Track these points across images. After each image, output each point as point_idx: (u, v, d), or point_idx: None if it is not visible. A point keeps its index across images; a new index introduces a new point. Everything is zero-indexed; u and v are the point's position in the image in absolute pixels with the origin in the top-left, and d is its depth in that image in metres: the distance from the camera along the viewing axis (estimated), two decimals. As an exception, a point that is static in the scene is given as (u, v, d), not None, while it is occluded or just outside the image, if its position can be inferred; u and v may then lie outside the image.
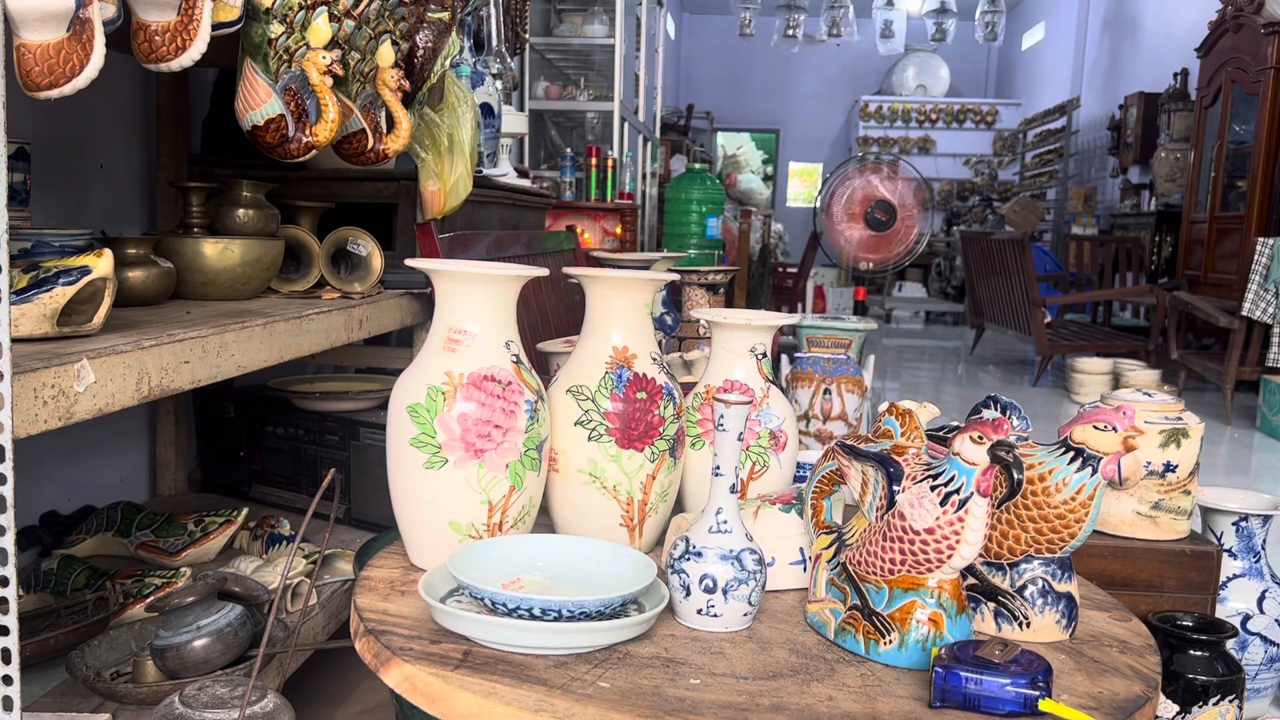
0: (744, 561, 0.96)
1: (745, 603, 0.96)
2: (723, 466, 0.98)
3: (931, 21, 9.39)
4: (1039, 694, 0.80)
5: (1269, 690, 1.66)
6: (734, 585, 0.96)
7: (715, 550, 0.96)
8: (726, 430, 0.96)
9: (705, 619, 0.96)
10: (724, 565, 0.96)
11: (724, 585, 0.95)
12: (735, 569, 0.96)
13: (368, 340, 2.13)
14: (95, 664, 1.29)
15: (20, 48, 0.98)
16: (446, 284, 1.03)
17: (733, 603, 0.96)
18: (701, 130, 10.89)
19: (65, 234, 1.23)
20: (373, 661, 0.89)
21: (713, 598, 0.95)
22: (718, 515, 0.98)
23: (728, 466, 0.98)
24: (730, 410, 0.97)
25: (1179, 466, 1.43)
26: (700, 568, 0.96)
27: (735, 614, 0.96)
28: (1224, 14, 5.85)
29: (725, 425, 0.96)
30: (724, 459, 0.98)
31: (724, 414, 0.96)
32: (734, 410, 0.97)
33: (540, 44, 5.25)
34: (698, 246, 5.79)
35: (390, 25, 1.57)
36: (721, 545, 0.97)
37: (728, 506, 0.98)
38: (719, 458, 0.98)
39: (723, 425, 0.96)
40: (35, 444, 1.73)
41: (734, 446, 0.97)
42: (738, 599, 0.96)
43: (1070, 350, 5.61)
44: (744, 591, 0.96)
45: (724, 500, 0.98)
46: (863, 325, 1.47)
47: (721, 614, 0.96)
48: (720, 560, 0.96)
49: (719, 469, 0.98)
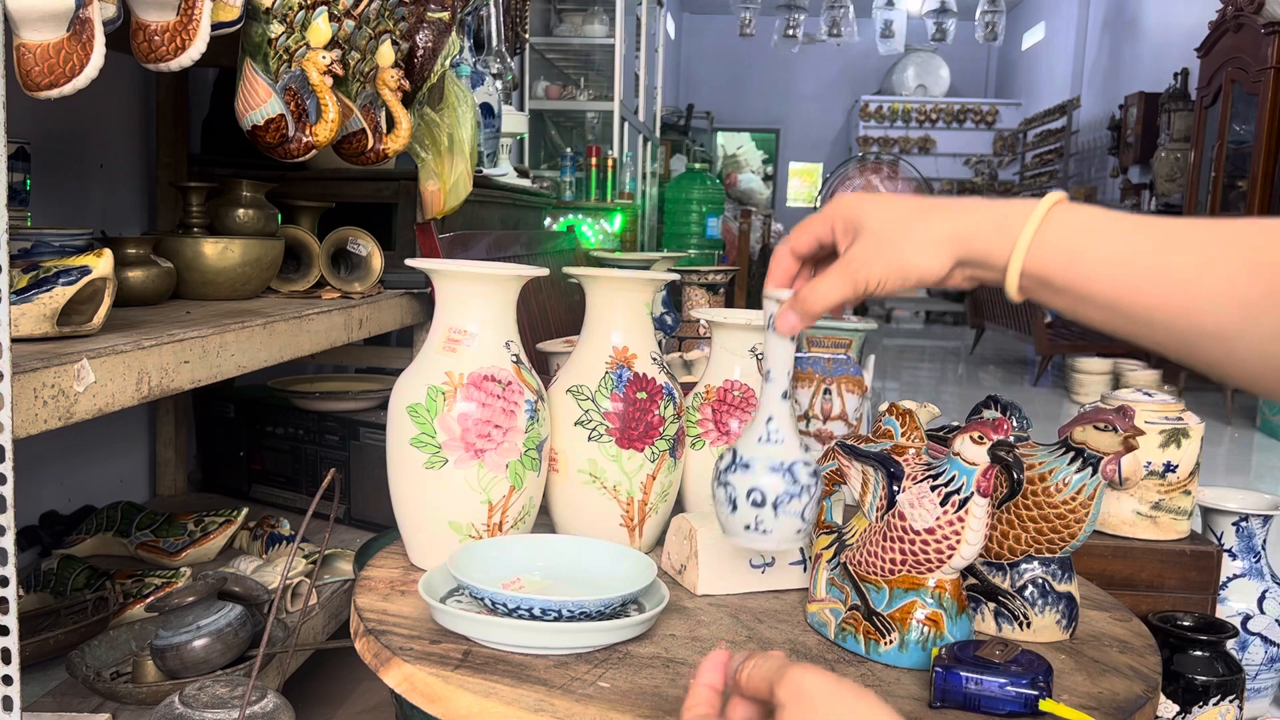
0: (797, 474, 0.87)
1: (798, 518, 0.87)
2: (773, 370, 0.88)
3: (931, 21, 9.39)
4: (1039, 694, 0.80)
5: (1269, 690, 1.66)
6: (785, 500, 0.87)
7: (765, 461, 0.87)
8: (777, 329, 0.85)
9: (754, 536, 0.88)
10: (774, 478, 0.87)
11: (774, 499, 0.87)
12: (787, 482, 0.87)
13: (368, 340, 2.13)
14: (95, 664, 1.29)
15: (20, 48, 0.98)
16: (446, 284, 1.03)
17: (784, 518, 0.87)
18: (701, 130, 10.89)
19: (65, 234, 1.23)
20: (373, 661, 0.89)
21: (761, 513, 0.87)
22: (768, 424, 0.88)
23: (779, 370, 0.88)
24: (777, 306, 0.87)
25: (1179, 466, 1.43)
26: (748, 480, 0.87)
27: (787, 530, 0.88)
28: (1224, 14, 5.84)
29: (778, 328, 0.85)
30: (774, 362, 0.88)
31: (775, 312, 0.85)
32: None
33: (540, 44, 5.25)
34: (698, 246, 5.79)
35: (390, 25, 1.57)
36: (772, 456, 0.87)
37: (779, 415, 0.88)
38: (768, 360, 0.88)
39: (774, 324, 0.85)
40: (35, 444, 1.73)
41: (785, 348, 0.87)
42: (789, 514, 0.87)
43: (1070, 350, 5.61)
44: (796, 506, 0.87)
45: (774, 408, 0.89)
46: (863, 325, 1.47)
47: (771, 530, 0.87)
48: (770, 473, 0.87)
49: (769, 373, 0.88)
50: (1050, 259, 0.67)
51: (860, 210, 0.76)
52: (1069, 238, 0.67)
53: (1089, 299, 0.66)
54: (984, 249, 0.70)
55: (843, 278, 0.75)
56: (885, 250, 0.73)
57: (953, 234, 0.71)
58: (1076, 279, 0.66)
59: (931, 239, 0.71)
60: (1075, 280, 0.66)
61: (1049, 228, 0.68)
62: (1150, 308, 0.63)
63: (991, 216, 0.70)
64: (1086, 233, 0.67)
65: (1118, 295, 0.65)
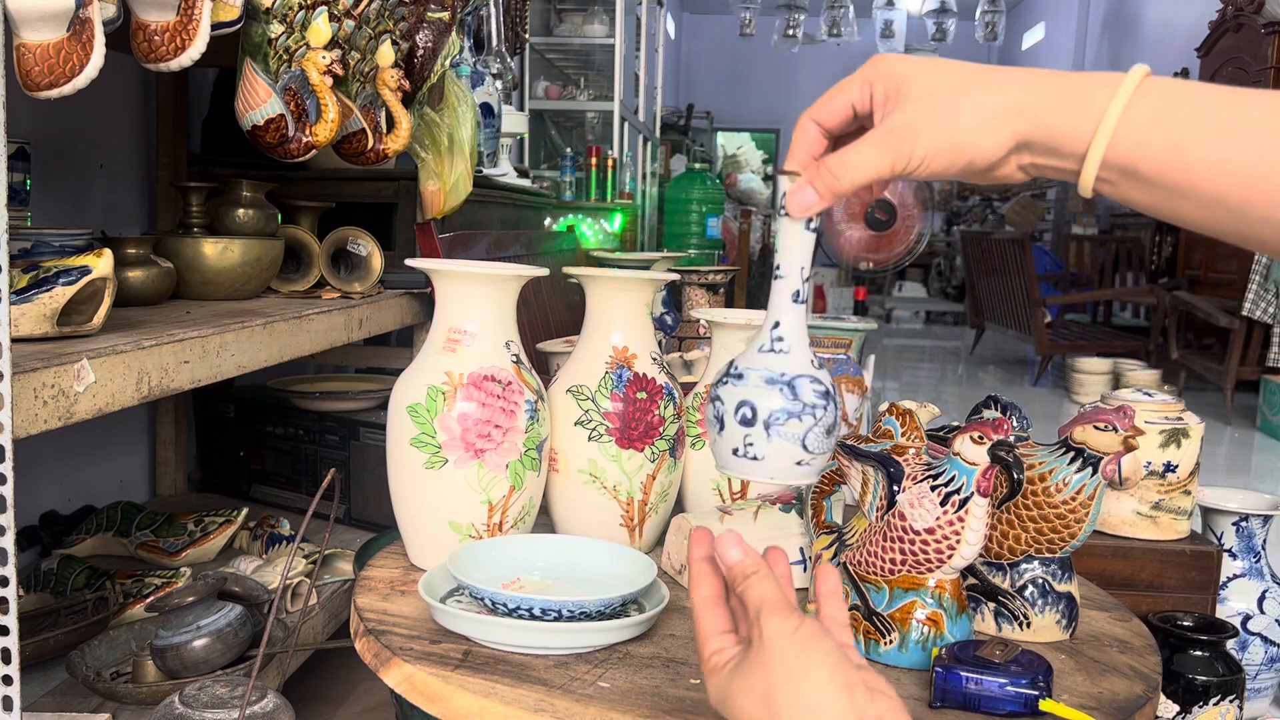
0: (798, 390, 0.71)
1: (796, 444, 0.71)
2: (783, 265, 0.73)
3: (932, 21, 9.39)
4: (1039, 694, 0.80)
5: (1269, 690, 1.66)
6: (780, 418, 0.71)
7: (761, 372, 0.72)
8: (789, 214, 0.70)
9: (743, 463, 0.73)
10: (769, 391, 0.71)
11: (766, 417, 0.71)
12: (785, 398, 0.71)
13: (368, 340, 2.13)
14: (95, 664, 1.29)
15: (20, 48, 0.98)
16: (446, 284, 1.03)
17: (778, 442, 0.71)
18: (701, 130, 10.88)
19: (65, 234, 1.23)
20: (373, 662, 0.89)
21: (750, 432, 0.71)
22: (773, 331, 0.74)
23: (790, 265, 0.73)
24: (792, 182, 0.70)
25: (1179, 466, 1.43)
26: (737, 393, 0.72)
27: (783, 459, 0.72)
28: (1224, 14, 5.84)
29: (788, 207, 0.70)
30: (785, 254, 0.73)
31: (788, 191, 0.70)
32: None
33: (540, 44, 5.24)
34: (698, 246, 5.79)
35: (390, 25, 1.57)
36: (771, 367, 0.73)
37: (788, 320, 0.73)
38: (779, 253, 0.73)
39: (784, 209, 0.70)
40: (35, 444, 1.73)
41: (800, 237, 0.71)
42: (785, 438, 0.71)
43: (1070, 350, 5.61)
44: (794, 429, 0.71)
45: (784, 311, 0.74)
46: (863, 325, 1.47)
47: (763, 456, 0.72)
48: (765, 385, 0.72)
49: (778, 268, 0.73)
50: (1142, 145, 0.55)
51: (906, 71, 0.63)
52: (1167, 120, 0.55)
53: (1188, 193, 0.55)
54: (1057, 128, 0.58)
55: (881, 148, 0.62)
56: (936, 119, 0.60)
57: (1019, 106, 0.59)
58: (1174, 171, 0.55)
59: (992, 110, 0.59)
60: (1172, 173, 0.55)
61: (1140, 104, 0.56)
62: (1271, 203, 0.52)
63: (1067, 88, 0.58)
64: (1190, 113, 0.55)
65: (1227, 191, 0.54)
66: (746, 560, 0.65)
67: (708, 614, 0.66)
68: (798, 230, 0.71)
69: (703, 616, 0.66)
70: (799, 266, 0.72)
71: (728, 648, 0.64)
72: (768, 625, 0.60)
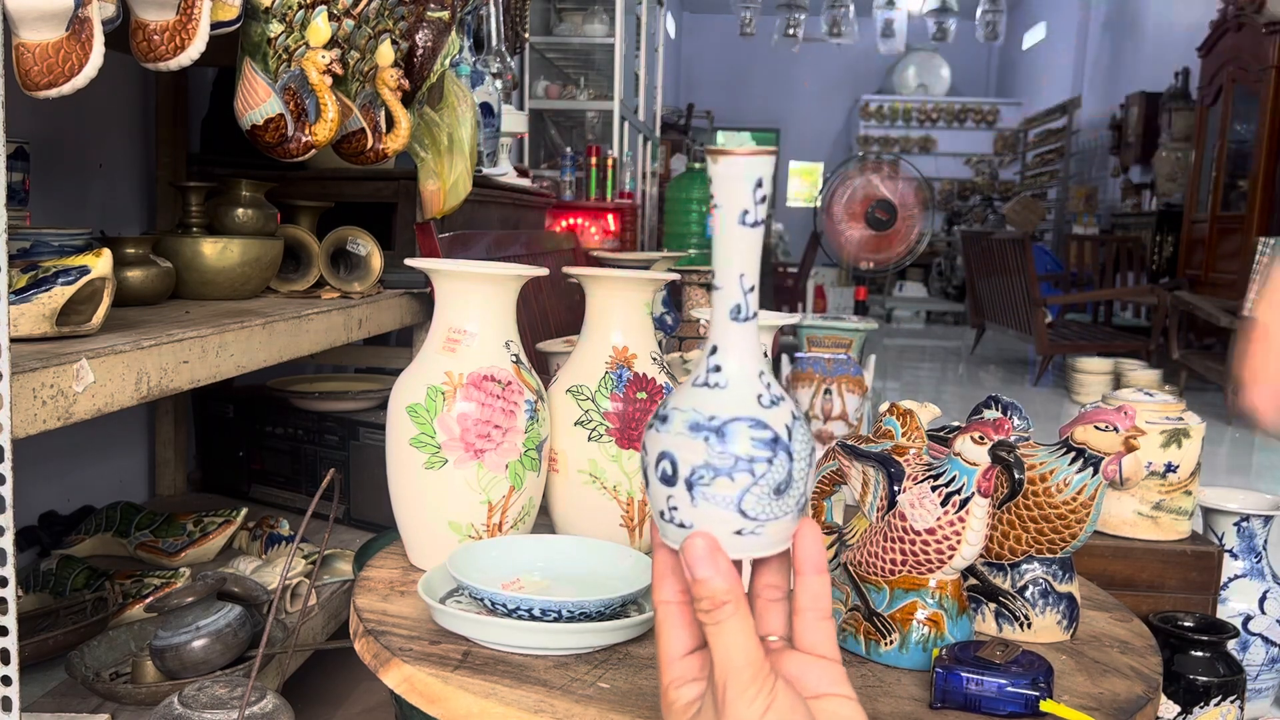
0: (730, 439, 0.55)
1: (731, 510, 0.55)
2: (718, 274, 0.57)
3: (932, 21, 9.40)
4: (1040, 694, 0.80)
5: (1270, 691, 1.66)
6: (705, 476, 0.55)
7: (686, 415, 0.56)
8: (720, 207, 0.56)
9: (670, 528, 0.57)
10: (691, 441, 0.55)
11: (688, 474, 0.55)
12: (709, 450, 0.55)
13: (367, 340, 2.13)
14: (94, 664, 1.29)
15: (19, 47, 0.98)
16: (446, 284, 1.03)
17: (704, 506, 0.55)
18: (702, 130, 10.88)
19: (64, 234, 1.23)
20: (372, 662, 0.88)
21: (672, 493, 0.56)
22: (710, 358, 0.57)
23: (727, 273, 0.56)
24: (722, 168, 0.55)
25: (1180, 467, 1.43)
26: (659, 441, 0.57)
27: (714, 526, 0.55)
28: (1225, 13, 5.85)
29: (718, 199, 0.56)
30: (719, 258, 0.57)
31: (714, 177, 0.55)
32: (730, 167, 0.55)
33: (540, 43, 5.25)
34: (698, 246, 5.79)
35: (390, 24, 1.57)
36: (700, 408, 0.56)
37: (727, 344, 0.57)
38: (714, 258, 0.57)
39: (715, 199, 0.56)
40: (35, 444, 1.72)
41: (736, 237, 0.56)
42: (713, 501, 0.55)
43: (1071, 350, 5.61)
44: (724, 490, 0.54)
45: (722, 333, 0.57)
46: (863, 325, 1.47)
47: (690, 524, 0.56)
48: (688, 433, 0.55)
49: (713, 278, 0.57)
50: None
51: None
52: None
53: None
54: None
55: None
56: None
57: None
58: None
59: None
60: None
61: None
62: None
63: None
64: None
65: None
66: (716, 584, 0.53)
67: (669, 628, 0.57)
68: (731, 225, 0.56)
69: (663, 631, 0.57)
70: (738, 274, 0.56)
71: (691, 681, 0.56)
72: (731, 704, 0.52)
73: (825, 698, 0.56)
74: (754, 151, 0.55)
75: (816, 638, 0.57)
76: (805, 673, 0.56)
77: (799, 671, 0.56)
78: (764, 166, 0.55)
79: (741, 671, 0.52)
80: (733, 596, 0.53)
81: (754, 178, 0.55)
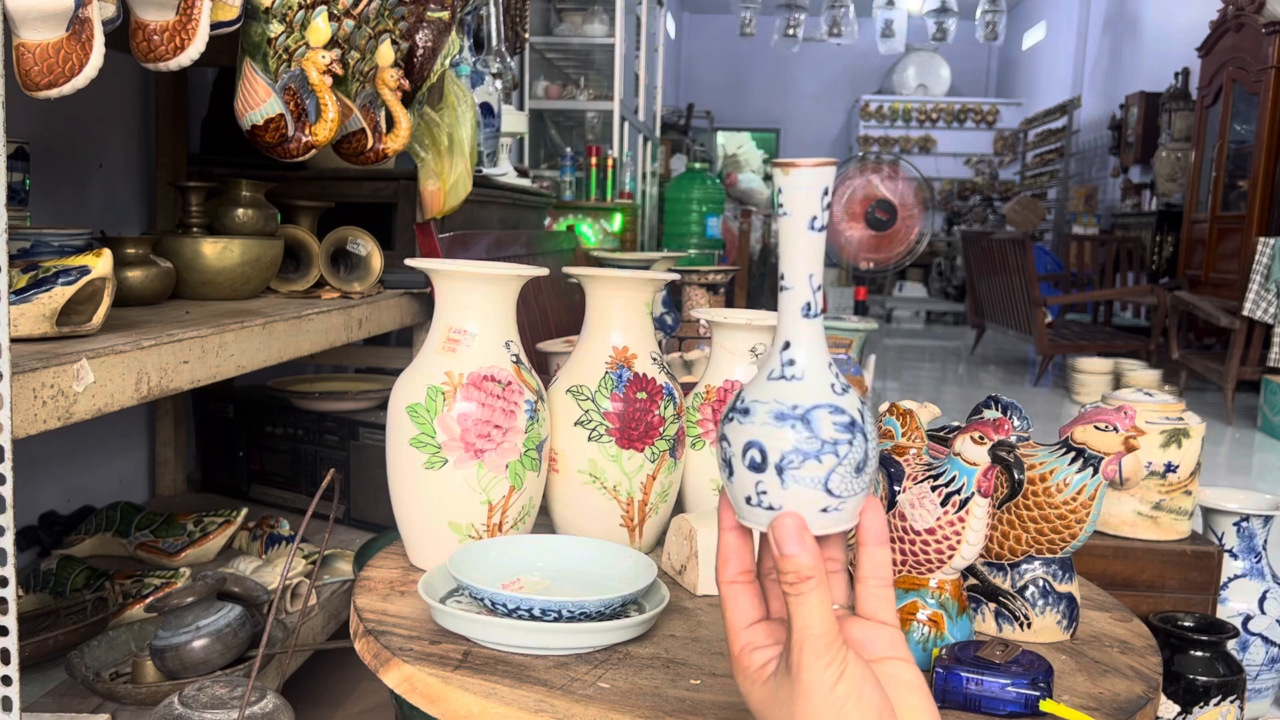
0: (815, 426, 0.60)
1: (820, 490, 0.59)
2: (788, 274, 0.61)
3: (932, 20, 9.40)
4: (1040, 694, 0.80)
5: (1270, 691, 1.66)
6: (795, 461, 0.59)
7: (769, 406, 0.61)
8: (789, 214, 0.60)
9: (759, 513, 0.61)
10: (779, 429, 0.60)
11: (778, 460, 0.60)
12: (799, 436, 0.59)
13: (367, 340, 2.13)
14: (94, 664, 1.29)
15: (19, 47, 0.98)
16: (446, 284, 1.03)
17: (795, 488, 0.60)
18: (701, 130, 10.89)
19: (64, 234, 1.23)
20: (372, 662, 0.88)
21: (761, 478, 0.60)
22: (783, 353, 0.62)
23: (796, 274, 0.61)
24: (792, 179, 0.59)
25: (1180, 467, 1.43)
26: (744, 432, 0.61)
27: (804, 507, 0.60)
28: (1225, 13, 5.85)
29: (787, 207, 0.60)
30: (788, 261, 0.61)
31: (783, 187, 0.60)
32: (799, 178, 0.59)
33: (540, 43, 5.25)
34: (698, 246, 5.79)
35: (390, 24, 1.57)
36: (781, 399, 0.61)
37: (800, 339, 0.62)
38: (782, 261, 0.62)
39: (784, 208, 0.60)
40: (35, 444, 1.73)
41: (805, 241, 0.60)
42: (803, 483, 0.59)
43: (1071, 350, 5.62)
44: (814, 472, 0.59)
45: (793, 329, 0.62)
46: (863, 325, 1.47)
47: (780, 505, 0.60)
48: (775, 422, 0.60)
49: (783, 278, 0.62)
50: None
51: None
52: None
53: None
54: None
55: None
56: None
57: None
58: None
59: None
60: None
61: None
62: None
63: None
64: None
65: None
66: (803, 560, 0.57)
67: (736, 602, 0.62)
68: (800, 231, 0.60)
69: (730, 605, 0.62)
70: (806, 274, 0.61)
71: (761, 647, 0.61)
72: (807, 669, 0.56)
73: (886, 660, 0.60)
74: (820, 163, 0.60)
75: (878, 605, 0.61)
76: (867, 637, 0.61)
77: (861, 636, 0.60)
78: (829, 177, 0.60)
79: (818, 640, 0.56)
80: (816, 572, 0.58)
81: (821, 186, 0.60)
